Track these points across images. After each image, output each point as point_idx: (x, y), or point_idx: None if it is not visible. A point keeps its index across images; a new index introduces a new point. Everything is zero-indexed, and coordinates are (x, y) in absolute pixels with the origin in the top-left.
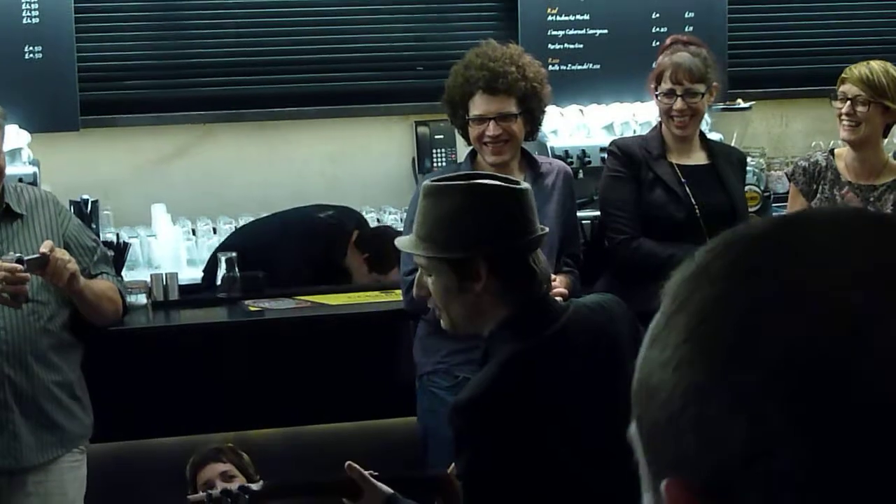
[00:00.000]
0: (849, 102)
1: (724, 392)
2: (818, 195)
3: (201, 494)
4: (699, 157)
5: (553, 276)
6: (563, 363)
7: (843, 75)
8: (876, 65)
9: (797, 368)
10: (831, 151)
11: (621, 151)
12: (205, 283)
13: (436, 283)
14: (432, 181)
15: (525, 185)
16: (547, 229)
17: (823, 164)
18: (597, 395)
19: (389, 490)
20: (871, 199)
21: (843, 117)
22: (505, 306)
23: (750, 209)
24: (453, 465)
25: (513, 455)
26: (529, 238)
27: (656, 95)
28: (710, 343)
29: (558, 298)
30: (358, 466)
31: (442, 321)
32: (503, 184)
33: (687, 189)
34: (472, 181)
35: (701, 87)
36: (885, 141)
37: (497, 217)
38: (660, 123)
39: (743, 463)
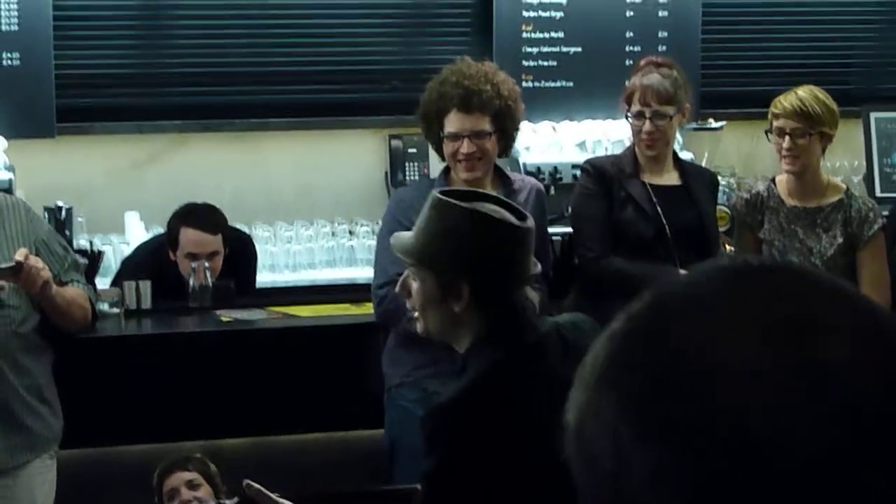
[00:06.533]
0: (787, 136)
1: (592, 415)
2: (765, 224)
3: None
4: (672, 177)
5: None
6: (536, 374)
7: (773, 109)
8: (804, 93)
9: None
10: (772, 179)
11: (594, 169)
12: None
13: (419, 290)
14: (442, 193)
15: (530, 223)
16: (539, 267)
17: (765, 193)
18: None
19: None
20: (818, 220)
21: (784, 151)
22: (481, 327)
23: (720, 229)
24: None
25: (482, 463)
26: (516, 278)
27: (627, 116)
28: (588, 370)
29: None
30: (256, 484)
31: (417, 325)
32: (509, 217)
33: (658, 208)
34: (479, 205)
35: (670, 110)
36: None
37: (491, 249)
38: (633, 142)
39: (612, 479)
